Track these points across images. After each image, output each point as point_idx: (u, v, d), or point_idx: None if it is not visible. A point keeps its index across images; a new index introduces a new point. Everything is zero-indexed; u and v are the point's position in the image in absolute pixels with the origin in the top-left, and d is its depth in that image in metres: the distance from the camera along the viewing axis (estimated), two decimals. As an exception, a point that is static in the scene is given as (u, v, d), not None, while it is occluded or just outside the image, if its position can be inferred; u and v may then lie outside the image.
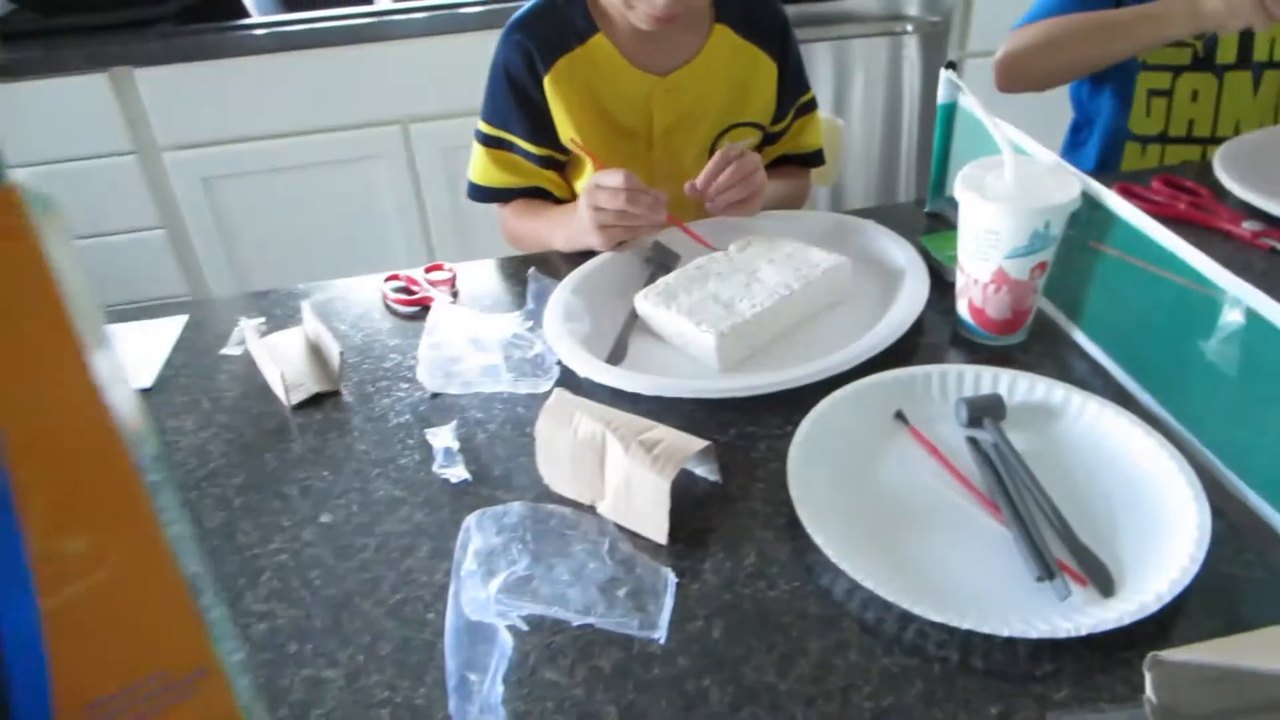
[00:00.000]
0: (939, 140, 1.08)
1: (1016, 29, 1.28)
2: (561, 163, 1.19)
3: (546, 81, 1.11)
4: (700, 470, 0.74)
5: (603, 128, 1.14)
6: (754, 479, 0.73)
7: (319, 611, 0.65)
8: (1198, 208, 1.08)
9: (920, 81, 2.18)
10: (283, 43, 1.87)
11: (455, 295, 1.01)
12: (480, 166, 1.20)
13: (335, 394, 0.86)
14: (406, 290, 1.02)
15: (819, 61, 2.11)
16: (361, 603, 0.65)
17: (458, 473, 0.75)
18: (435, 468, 0.76)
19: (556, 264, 1.07)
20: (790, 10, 1.21)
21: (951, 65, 1.03)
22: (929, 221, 1.11)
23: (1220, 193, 1.10)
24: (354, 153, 2.01)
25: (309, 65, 1.90)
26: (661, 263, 1.01)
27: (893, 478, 0.72)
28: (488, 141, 1.18)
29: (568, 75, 1.11)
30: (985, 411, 0.76)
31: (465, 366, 0.85)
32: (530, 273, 0.99)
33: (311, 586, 0.67)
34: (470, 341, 0.87)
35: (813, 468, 0.71)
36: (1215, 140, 1.33)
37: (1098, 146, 1.41)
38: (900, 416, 0.77)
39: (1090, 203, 0.81)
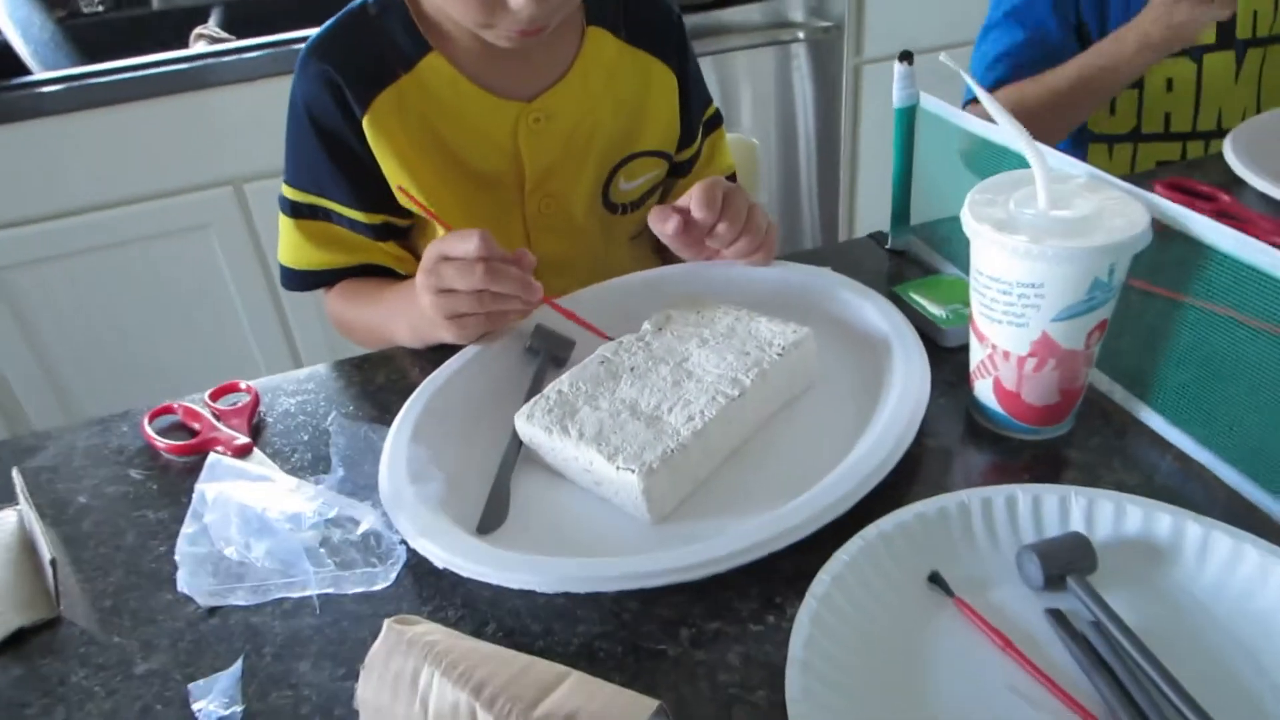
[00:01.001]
0: (898, 155, 0.82)
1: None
2: (402, 229, 0.88)
3: (365, 123, 0.80)
4: (643, 726, 0.45)
5: (453, 177, 0.84)
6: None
7: None
8: (1224, 216, 0.85)
9: (813, 93, 1.97)
10: (79, 100, 1.53)
11: (256, 432, 0.69)
12: (290, 245, 0.88)
13: (52, 624, 0.55)
14: (184, 430, 0.70)
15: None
16: None
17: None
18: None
19: (404, 365, 0.77)
20: None
21: (907, 56, 0.78)
22: (894, 262, 0.86)
23: (1240, 195, 0.88)
24: (178, 223, 1.67)
25: (113, 124, 1.56)
26: (550, 354, 0.72)
27: (942, 687, 0.45)
28: (297, 211, 0.86)
29: (395, 112, 0.81)
30: (1068, 565, 0.49)
31: (257, 557, 0.55)
32: (331, 423, 0.67)
33: None
34: (266, 519, 0.56)
35: (823, 692, 0.43)
36: (1196, 135, 1.12)
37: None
38: (937, 581, 0.50)
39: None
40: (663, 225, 0.74)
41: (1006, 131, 0.56)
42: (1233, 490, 0.55)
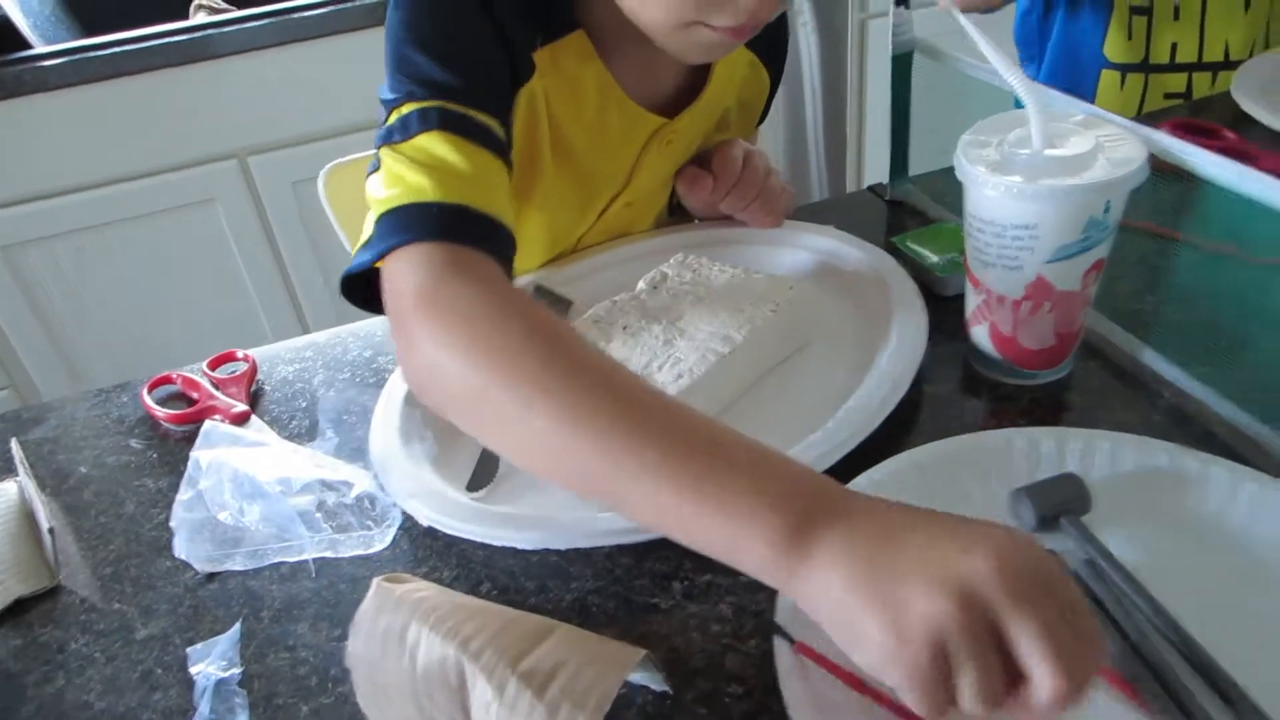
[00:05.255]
0: (895, 104, 0.81)
1: None
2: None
3: (538, 56, 0.66)
4: (637, 677, 0.45)
5: (556, 168, 0.72)
6: (724, 675, 0.45)
7: None
8: (1229, 153, 0.83)
9: (818, 48, 1.96)
10: (81, 74, 1.52)
11: (253, 402, 0.70)
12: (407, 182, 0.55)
13: (52, 593, 0.55)
14: (183, 399, 0.71)
15: None
16: None
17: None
18: (197, 726, 0.46)
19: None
20: None
21: (903, 1, 0.76)
22: (893, 213, 0.85)
23: (1247, 133, 0.86)
24: (183, 198, 1.67)
25: (116, 98, 1.56)
26: (545, 315, 0.72)
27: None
28: (445, 121, 0.56)
29: (549, 69, 0.67)
30: (1060, 506, 0.49)
31: (251, 522, 0.55)
32: (319, 388, 0.63)
33: None
34: (259, 483, 0.56)
35: (815, 638, 0.43)
36: (1202, 67, 1.10)
37: (1064, 82, 1.16)
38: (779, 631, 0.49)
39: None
40: (697, 192, 0.75)
41: (1000, 68, 0.55)
42: (1231, 425, 0.54)
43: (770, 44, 0.81)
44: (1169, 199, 0.55)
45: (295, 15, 1.57)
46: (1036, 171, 0.53)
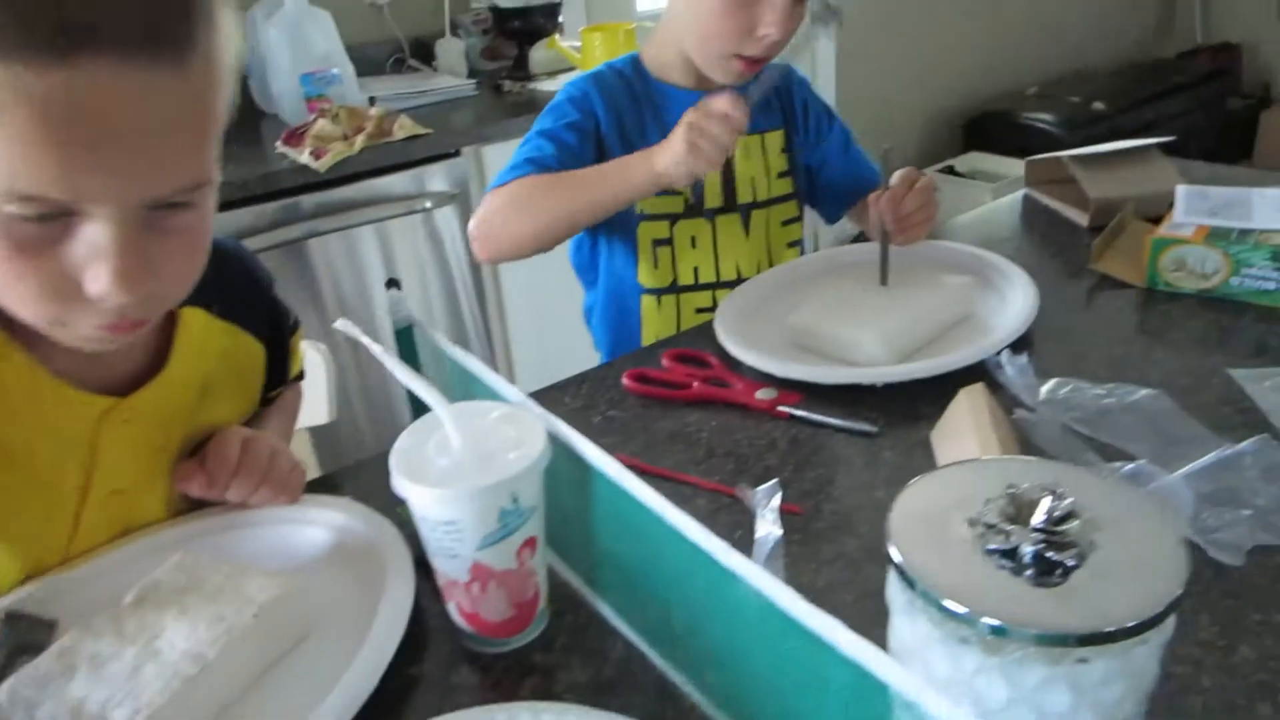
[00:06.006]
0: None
1: (491, 190, 1.14)
2: None
3: None
4: None
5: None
6: None
7: None
8: (712, 382, 0.96)
9: (465, 253, 2.09)
10: None
11: None
12: None
13: None
14: None
15: (366, 243, 1.97)
16: None
17: None
18: None
19: None
20: (327, 196, 0.92)
21: (394, 283, 0.83)
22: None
23: (731, 359, 1.00)
24: None
25: None
26: (20, 643, 0.68)
27: None
28: None
29: None
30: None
31: None
32: None
33: None
34: None
35: None
36: (722, 284, 1.28)
37: (614, 308, 1.30)
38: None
39: (563, 445, 0.63)
40: (193, 489, 0.77)
41: (410, 382, 0.61)
42: (663, 678, 0.61)
43: (249, 312, 0.85)
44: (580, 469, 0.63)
45: None
46: (452, 474, 0.59)
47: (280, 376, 0.92)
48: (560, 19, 2.53)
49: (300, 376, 1.02)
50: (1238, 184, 1.06)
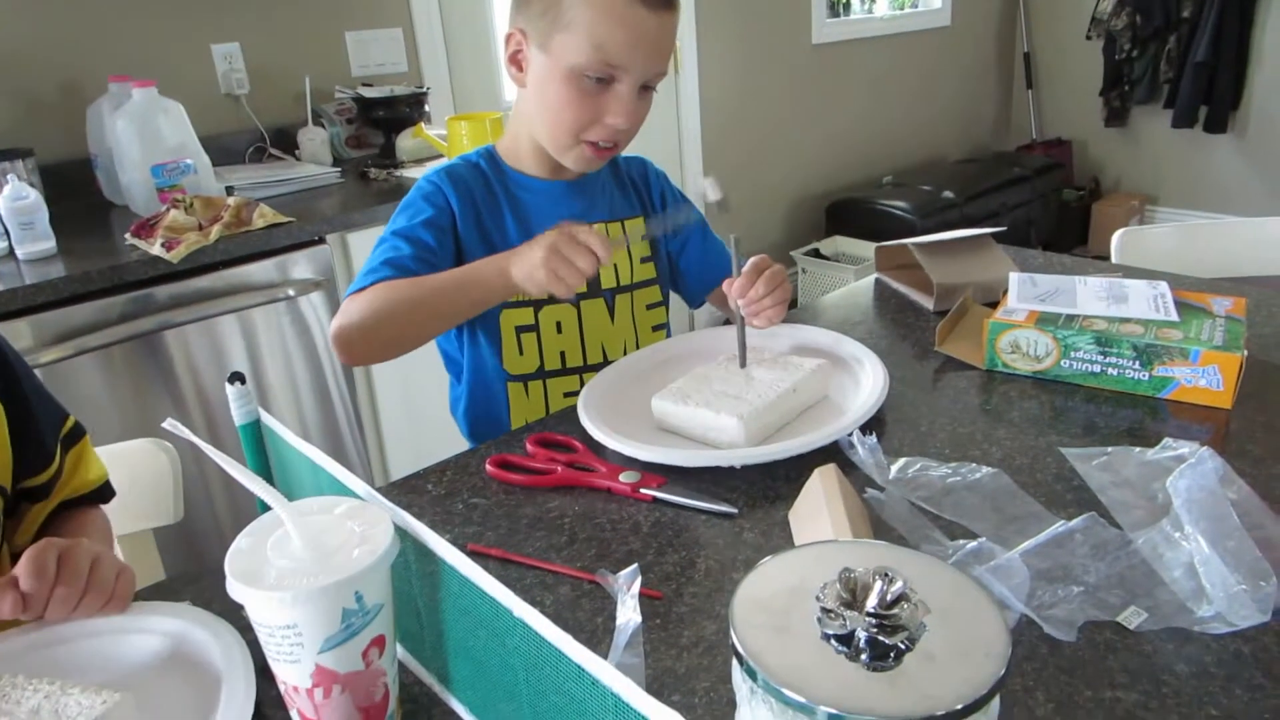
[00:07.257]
0: (254, 467, 0.83)
1: (349, 296, 1.12)
2: None
3: None
4: None
5: None
6: None
7: None
8: (576, 466, 0.96)
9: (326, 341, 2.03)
10: None
11: None
12: None
13: None
14: None
15: (228, 333, 1.91)
16: None
17: None
18: None
19: None
20: (183, 286, 0.87)
21: (237, 378, 0.80)
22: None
23: (595, 443, 1.01)
24: None
25: None
26: None
27: None
28: None
29: None
30: None
31: None
32: None
33: None
34: None
35: None
36: (589, 368, 1.28)
37: (481, 394, 1.29)
38: None
39: (412, 539, 0.61)
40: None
41: (246, 480, 0.59)
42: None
43: None
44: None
45: None
46: (291, 575, 0.56)
47: (52, 431, 0.89)
48: (426, 108, 2.55)
49: (106, 491, 0.97)
50: (1066, 271, 1.14)
